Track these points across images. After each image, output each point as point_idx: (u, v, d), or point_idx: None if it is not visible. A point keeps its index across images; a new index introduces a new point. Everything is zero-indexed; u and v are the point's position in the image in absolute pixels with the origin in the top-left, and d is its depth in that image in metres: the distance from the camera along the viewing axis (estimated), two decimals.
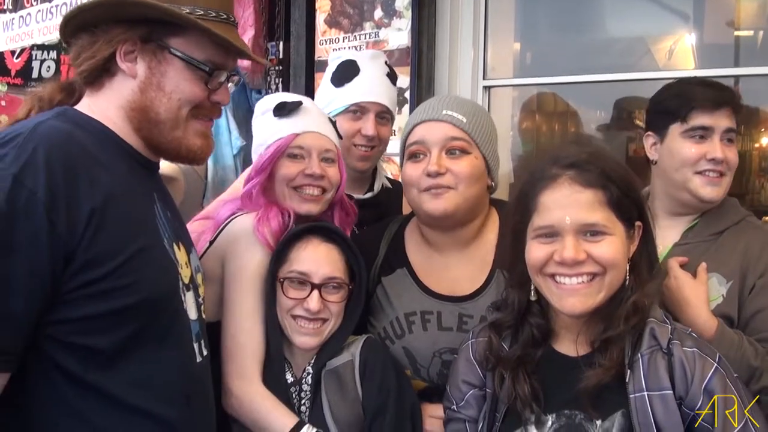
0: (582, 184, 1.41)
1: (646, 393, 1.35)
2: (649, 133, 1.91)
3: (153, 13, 1.30)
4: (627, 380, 1.37)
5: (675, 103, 1.85)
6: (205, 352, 1.45)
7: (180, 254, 1.40)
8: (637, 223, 1.46)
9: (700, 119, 1.79)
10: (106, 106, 1.36)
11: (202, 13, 1.33)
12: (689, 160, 1.79)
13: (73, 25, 1.36)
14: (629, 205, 1.44)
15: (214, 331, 1.64)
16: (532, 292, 1.49)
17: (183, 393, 1.35)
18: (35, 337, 1.18)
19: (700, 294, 1.68)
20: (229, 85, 1.44)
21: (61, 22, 1.37)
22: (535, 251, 1.44)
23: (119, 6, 1.31)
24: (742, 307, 1.72)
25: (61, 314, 1.19)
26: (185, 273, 1.40)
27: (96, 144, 1.29)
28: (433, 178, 1.69)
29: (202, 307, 1.49)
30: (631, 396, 1.36)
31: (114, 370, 1.24)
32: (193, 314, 1.41)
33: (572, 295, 1.41)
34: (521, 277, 1.50)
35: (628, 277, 1.44)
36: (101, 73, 1.36)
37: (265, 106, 1.86)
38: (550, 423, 1.42)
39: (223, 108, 1.47)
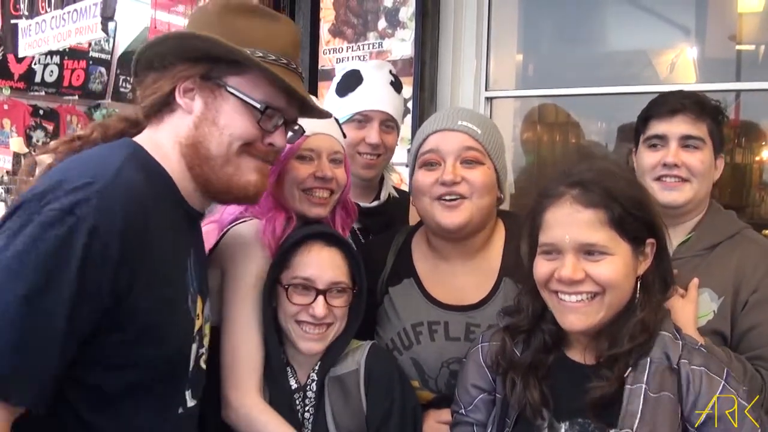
0: (583, 203, 1.42)
1: (644, 386, 1.36)
2: (633, 149, 1.97)
3: (217, 49, 1.33)
4: (626, 375, 1.37)
5: (640, 117, 1.92)
6: (191, 403, 1.44)
7: (198, 305, 1.42)
8: (649, 240, 1.46)
9: (655, 128, 1.86)
10: (165, 143, 1.39)
11: (261, 55, 1.35)
12: (648, 167, 1.85)
13: (145, 60, 1.40)
14: (634, 223, 1.43)
15: (213, 338, 1.61)
16: None
17: None
18: None
19: (687, 312, 1.65)
20: (290, 134, 1.46)
21: (135, 57, 1.40)
22: (541, 267, 1.47)
23: (186, 39, 1.35)
24: (735, 324, 1.72)
25: (85, 356, 1.21)
26: (196, 325, 1.42)
27: (160, 196, 1.32)
28: (448, 187, 1.71)
29: (203, 358, 1.49)
30: (627, 386, 1.36)
31: (111, 414, 1.26)
32: (190, 364, 1.42)
33: (572, 312, 1.43)
34: (535, 286, 1.51)
35: (638, 295, 1.45)
36: (162, 108, 1.39)
37: None
38: (563, 431, 1.43)
39: None
